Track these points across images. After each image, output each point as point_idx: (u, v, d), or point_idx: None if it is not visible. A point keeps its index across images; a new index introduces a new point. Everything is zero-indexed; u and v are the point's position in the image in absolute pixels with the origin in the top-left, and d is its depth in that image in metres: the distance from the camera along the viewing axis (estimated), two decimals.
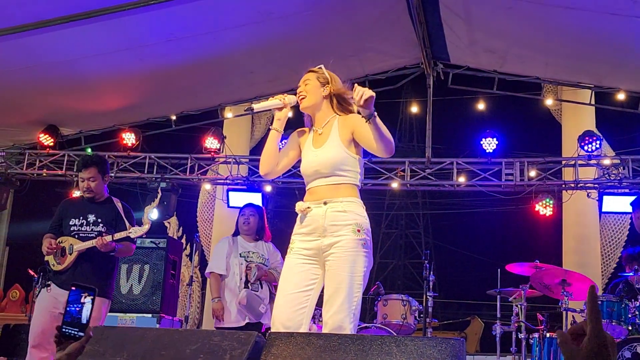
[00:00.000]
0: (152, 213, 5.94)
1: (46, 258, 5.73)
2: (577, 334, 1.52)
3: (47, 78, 8.77)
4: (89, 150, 10.50)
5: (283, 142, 4.28)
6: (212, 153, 10.33)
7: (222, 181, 10.74)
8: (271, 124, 4.14)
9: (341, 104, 4.09)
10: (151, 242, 8.22)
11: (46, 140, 10.24)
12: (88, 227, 5.68)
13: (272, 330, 3.70)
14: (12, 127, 10.18)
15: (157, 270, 8.11)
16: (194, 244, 8.68)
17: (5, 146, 10.71)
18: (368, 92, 3.62)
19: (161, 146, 10.84)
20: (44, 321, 5.51)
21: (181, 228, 13.99)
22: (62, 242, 5.64)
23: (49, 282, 5.63)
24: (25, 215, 5.86)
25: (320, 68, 4.12)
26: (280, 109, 4.05)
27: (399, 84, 10.45)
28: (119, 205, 5.85)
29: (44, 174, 10.50)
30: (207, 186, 11.78)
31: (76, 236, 5.66)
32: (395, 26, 8.95)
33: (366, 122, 3.73)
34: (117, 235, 5.58)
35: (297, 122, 4.39)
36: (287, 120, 4.12)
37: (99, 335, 2.96)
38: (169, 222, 13.17)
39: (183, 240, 12.80)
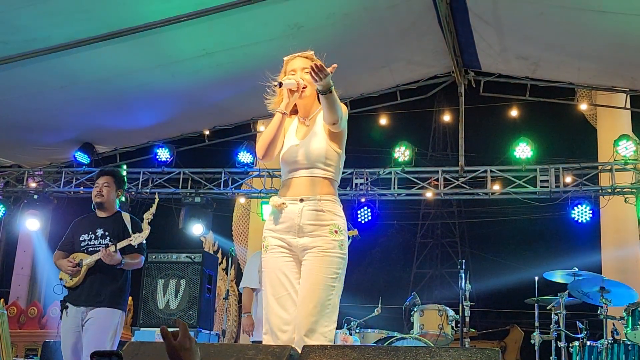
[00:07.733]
0: (148, 219, 5.95)
1: (60, 276, 5.79)
2: None
3: (82, 97, 8.91)
4: (124, 167, 10.62)
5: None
6: (246, 167, 10.38)
7: (256, 194, 10.78)
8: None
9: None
10: (187, 257, 8.27)
11: (82, 158, 10.38)
12: (96, 240, 5.74)
13: (270, 335, 3.63)
14: (49, 146, 10.36)
15: (194, 285, 8.13)
16: (230, 258, 8.73)
17: (43, 165, 10.89)
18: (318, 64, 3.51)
19: (195, 161, 10.90)
20: (71, 342, 5.61)
21: (217, 242, 14.08)
22: (74, 258, 5.70)
23: (67, 305, 5.68)
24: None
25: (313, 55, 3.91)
26: (292, 91, 3.80)
27: (431, 93, 10.41)
28: (126, 218, 5.89)
29: (81, 192, 10.63)
30: (241, 200, 11.84)
31: (85, 251, 5.72)
32: (425, 36, 8.93)
33: (322, 95, 3.59)
34: (120, 244, 5.60)
35: None
36: None
37: (135, 351, 2.99)
38: (204, 237, 13.26)
39: (219, 254, 12.88)
